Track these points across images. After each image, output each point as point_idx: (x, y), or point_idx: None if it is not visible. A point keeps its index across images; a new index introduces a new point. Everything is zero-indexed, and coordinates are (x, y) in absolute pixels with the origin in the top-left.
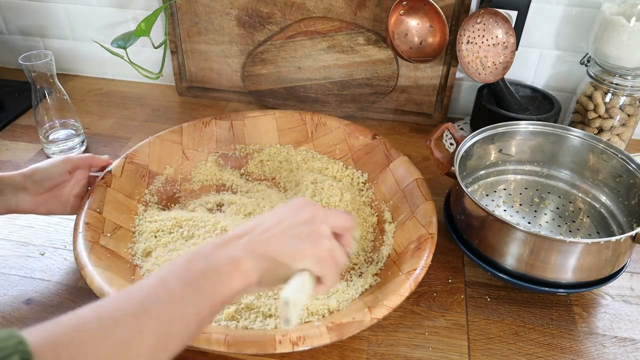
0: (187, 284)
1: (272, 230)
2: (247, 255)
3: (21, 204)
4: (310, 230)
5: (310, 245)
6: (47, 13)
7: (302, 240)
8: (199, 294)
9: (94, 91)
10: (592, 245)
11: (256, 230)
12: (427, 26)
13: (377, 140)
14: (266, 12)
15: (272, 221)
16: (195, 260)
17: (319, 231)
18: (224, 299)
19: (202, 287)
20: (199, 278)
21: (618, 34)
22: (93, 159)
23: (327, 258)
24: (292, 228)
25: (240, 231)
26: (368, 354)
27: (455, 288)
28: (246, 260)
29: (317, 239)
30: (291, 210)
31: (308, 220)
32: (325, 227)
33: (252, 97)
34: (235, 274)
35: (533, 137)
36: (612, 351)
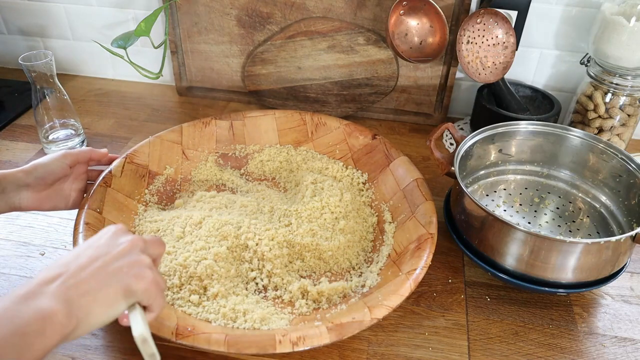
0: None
1: (90, 268)
2: (60, 303)
3: (25, 201)
4: (130, 262)
5: (134, 280)
6: (47, 13)
7: (125, 276)
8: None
9: (94, 91)
10: (592, 245)
11: (70, 269)
12: (427, 26)
13: (377, 140)
14: (266, 12)
15: (89, 256)
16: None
17: (141, 262)
18: (36, 355)
19: (6, 355)
20: (5, 348)
21: (618, 34)
22: (92, 152)
23: (152, 288)
24: (112, 263)
25: (50, 274)
26: (368, 354)
27: (455, 288)
28: (59, 312)
29: (140, 271)
30: (107, 242)
31: (127, 251)
32: (145, 257)
33: (252, 97)
34: (47, 329)
35: (533, 137)
36: (612, 351)
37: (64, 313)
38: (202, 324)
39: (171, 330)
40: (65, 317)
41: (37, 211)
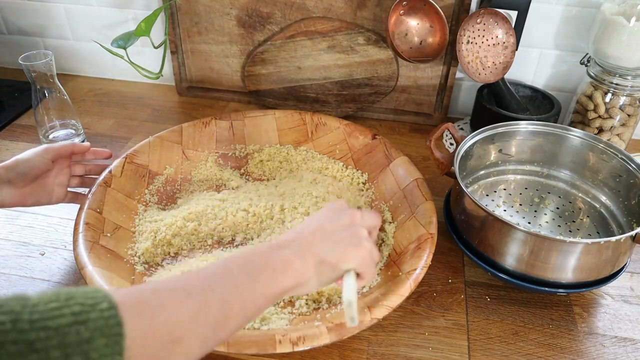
0: (247, 273)
1: (317, 235)
2: (298, 257)
3: (7, 198)
4: (351, 233)
5: (354, 248)
6: (47, 13)
7: (346, 244)
8: (256, 283)
9: (94, 91)
10: (592, 245)
11: (304, 234)
12: (427, 26)
13: (377, 140)
14: (266, 12)
15: (317, 226)
16: (254, 256)
17: (359, 234)
18: (276, 292)
19: (259, 278)
20: (257, 270)
21: (618, 34)
22: (74, 146)
23: (367, 258)
24: (336, 232)
25: (290, 236)
26: (368, 354)
27: (455, 288)
28: (297, 262)
29: (358, 241)
30: (332, 215)
31: (348, 224)
32: (363, 230)
33: (252, 97)
34: (288, 272)
35: (533, 137)
36: (612, 351)
37: (300, 264)
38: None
39: None
40: (301, 267)
41: (20, 207)
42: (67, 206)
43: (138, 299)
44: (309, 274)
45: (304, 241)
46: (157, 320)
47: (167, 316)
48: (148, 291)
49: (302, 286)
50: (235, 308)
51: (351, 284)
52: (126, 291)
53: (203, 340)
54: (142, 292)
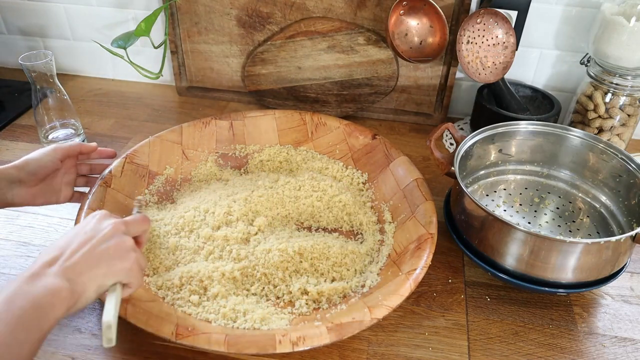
0: (14, 325)
1: (81, 251)
2: (63, 281)
3: (17, 197)
4: (115, 244)
5: (119, 261)
6: (47, 13)
7: (111, 258)
8: (27, 333)
9: (94, 91)
10: (592, 245)
11: (65, 253)
12: (427, 26)
13: (377, 140)
14: (266, 12)
15: (78, 241)
16: (14, 298)
17: (124, 245)
18: (50, 327)
19: (28, 325)
20: (23, 317)
21: (618, 34)
22: (82, 146)
23: (134, 268)
24: (98, 246)
25: (48, 257)
26: (368, 354)
27: (455, 288)
28: (63, 288)
29: (124, 253)
30: (93, 227)
31: (111, 235)
32: (128, 239)
33: (252, 97)
34: (57, 303)
35: (533, 137)
36: (612, 351)
37: (67, 289)
38: (202, 324)
39: (171, 330)
40: (69, 292)
41: (30, 206)
42: (67, 206)
43: None
44: (77, 295)
45: (67, 262)
46: None
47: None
48: None
49: (73, 308)
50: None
51: (112, 303)
52: None
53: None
54: None
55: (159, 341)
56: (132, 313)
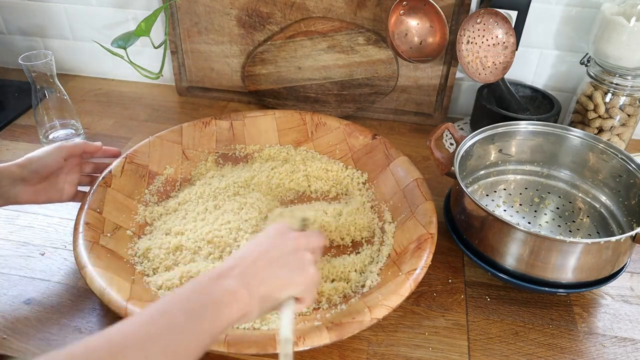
0: (190, 315)
1: (261, 261)
2: (243, 286)
3: (20, 195)
4: (296, 259)
5: (299, 274)
6: (47, 13)
7: (291, 271)
8: (200, 325)
9: (94, 91)
10: (592, 245)
11: (247, 260)
12: (427, 26)
13: (377, 140)
14: (266, 12)
15: (260, 251)
16: (194, 292)
17: (304, 259)
18: (222, 328)
19: (203, 317)
20: (201, 309)
21: (618, 34)
22: (86, 145)
23: (310, 283)
24: (280, 258)
25: (231, 263)
26: (368, 354)
27: (455, 288)
28: (242, 292)
29: (303, 267)
30: (275, 239)
31: (293, 249)
32: (308, 255)
33: (252, 97)
34: (234, 304)
35: (533, 137)
36: (612, 351)
37: (246, 294)
38: None
39: None
40: (246, 296)
41: (33, 204)
42: (67, 206)
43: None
44: (254, 304)
45: (248, 269)
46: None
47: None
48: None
49: (246, 317)
50: (180, 354)
51: (289, 318)
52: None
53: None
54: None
55: None
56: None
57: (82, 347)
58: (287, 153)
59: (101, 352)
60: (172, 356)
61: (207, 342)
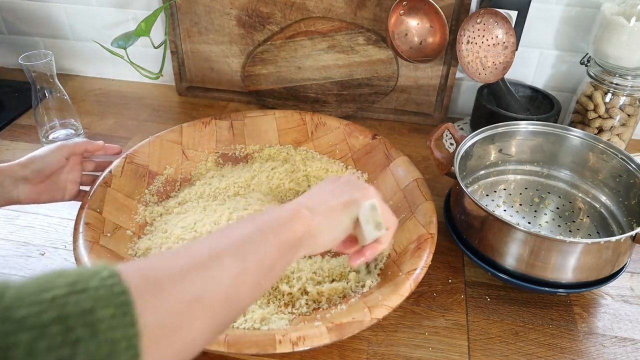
0: (255, 227)
1: (319, 193)
2: (304, 207)
3: (23, 194)
4: (354, 185)
5: (360, 192)
6: (47, 13)
7: (351, 191)
8: (267, 234)
9: (94, 91)
10: (592, 245)
11: (303, 196)
12: (427, 26)
13: (377, 140)
14: (266, 12)
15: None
16: (258, 216)
17: (361, 184)
18: (289, 239)
19: (269, 228)
20: (265, 223)
21: (618, 34)
22: (88, 144)
23: (377, 197)
24: (336, 188)
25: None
26: (368, 354)
27: (455, 288)
28: (303, 210)
29: (364, 188)
30: (327, 182)
31: (349, 181)
32: (363, 182)
33: (252, 97)
34: (296, 218)
35: (533, 137)
36: (612, 351)
37: (308, 213)
38: None
39: None
40: (309, 213)
41: (35, 204)
42: (67, 206)
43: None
44: (318, 221)
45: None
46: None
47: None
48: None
49: (313, 236)
50: (251, 262)
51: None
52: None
53: (225, 299)
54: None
55: None
56: None
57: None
58: (287, 153)
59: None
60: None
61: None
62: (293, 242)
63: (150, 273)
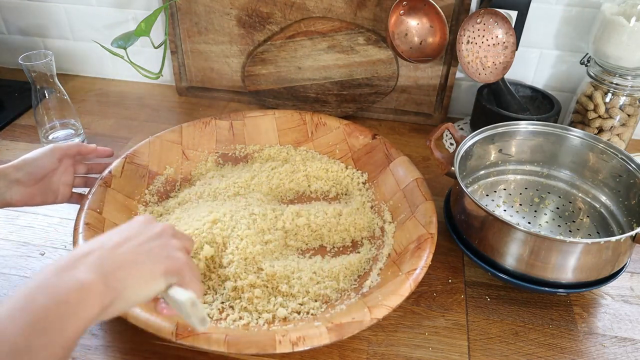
0: (30, 327)
1: (123, 247)
2: (97, 275)
3: (15, 197)
4: (162, 243)
5: (166, 259)
6: (47, 13)
7: (156, 255)
8: (46, 336)
9: (94, 91)
10: (592, 245)
11: (105, 246)
12: (427, 26)
13: (377, 140)
14: (266, 12)
15: (121, 237)
16: (35, 295)
17: (172, 244)
18: (77, 330)
19: (49, 327)
20: (43, 316)
21: (618, 34)
22: (81, 146)
23: (186, 269)
24: (144, 244)
25: (84, 250)
26: (368, 354)
27: (455, 288)
28: (97, 282)
29: (171, 252)
30: (139, 226)
31: (158, 234)
32: (176, 241)
33: (252, 97)
34: (86, 299)
35: (533, 137)
36: (612, 351)
37: (101, 283)
38: None
39: (171, 330)
40: (103, 287)
41: (27, 206)
42: (67, 206)
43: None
44: (117, 290)
45: (104, 253)
46: None
47: None
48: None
49: (112, 306)
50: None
51: (180, 290)
52: None
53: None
54: None
55: (159, 341)
56: (132, 313)
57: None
58: (287, 153)
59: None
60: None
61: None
62: (83, 329)
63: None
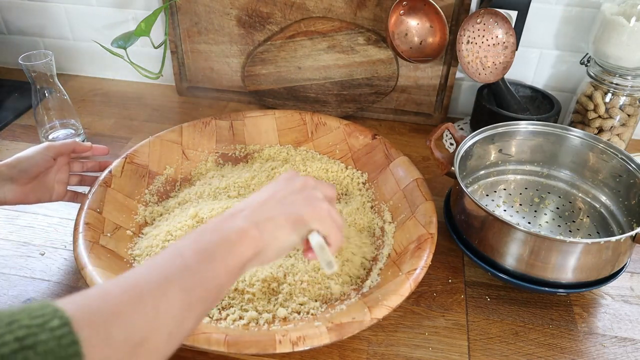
0: (202, 253)
1: (269, 202)
2: (252, 224)
3: (9, 195)
4: (305, 195)
5: (309, 208)
6: (47, 13)
7: (300, 206)
8: (214, 262)
9: (94, 91)
10: (592, 245)
11: (253, 204)
12: (427, 26)
13: (377, 140)
14: (266, 12)
15: (267, 194)
16: (205, 233)
17: (314, 195)
18: (236, 265)
19: (216, 255)
20: (212, 247)
21: (618, 34)
22: (76, 144)
23: (327, 217)
24: (287, 196)
25: (239, 207)
26: (368, 354)
27: (455, 288)
28: (252, 229)
29: (313, 202)
30: (282, 183)
31: (301, 188)
32: (319, 192)
33: (252, 97)
34: (245, 241)
35: (533, 137)
36: (612, 351)
37: (255, 231)
38: (201, 324)
39: None
40: (258, 233)
41: (22, 204)
42: (67, 206)
43: (90, 309)
44: (267, 240)
45: (256, 209)
46: (114, 329)
47: (124, 322)
48: (98, 296)
49: (262, 254)
50: (196, 295)
51: (317, 238)
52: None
53: (169, 335)
54: (91, 299)
55: None
56: None
57: (99, 291)
58: (287, 153)
59: (119, 296)
60: (190, 298)
61: (222, 279)
62: (241, 266)
63: (96, 317)
